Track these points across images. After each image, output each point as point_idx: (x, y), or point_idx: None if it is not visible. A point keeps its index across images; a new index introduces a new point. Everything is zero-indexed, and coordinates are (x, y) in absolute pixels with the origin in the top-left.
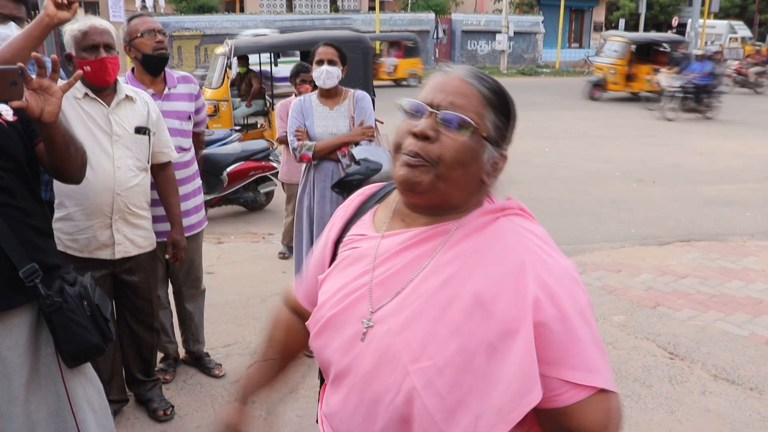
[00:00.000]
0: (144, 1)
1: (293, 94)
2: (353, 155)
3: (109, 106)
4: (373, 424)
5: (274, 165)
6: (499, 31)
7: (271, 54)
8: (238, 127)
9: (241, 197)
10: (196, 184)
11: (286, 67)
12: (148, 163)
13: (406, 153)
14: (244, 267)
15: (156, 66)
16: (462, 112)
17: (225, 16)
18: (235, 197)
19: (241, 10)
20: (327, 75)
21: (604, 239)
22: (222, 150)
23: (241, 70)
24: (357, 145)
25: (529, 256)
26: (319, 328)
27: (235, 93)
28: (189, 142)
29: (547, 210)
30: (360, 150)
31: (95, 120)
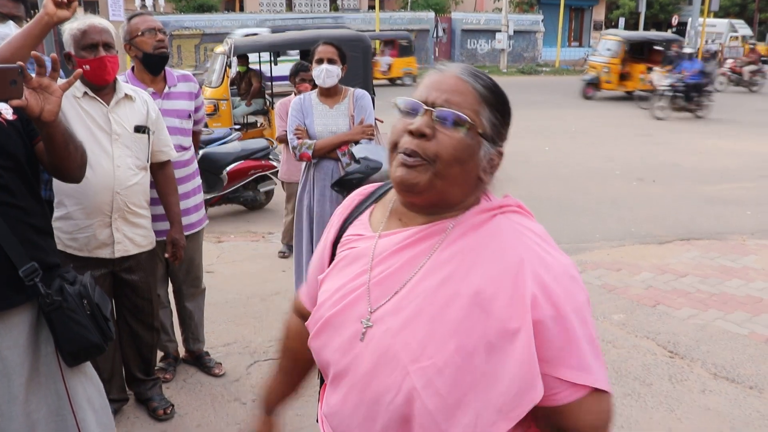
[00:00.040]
0: (144, 0)
1: (293, 93)
2: (353, 154)
3: (108, 105)
4: (373, 424)
5: (274, 164)
6: (499, 30)
7: (271, 53)
8: (237, 126)
9: (240, 196)
10: (196, 182)
11: (285, 65)
12: (147, 161)
13: (402, 152)
14: (244, 266)
15: (156, 65)
16: (458, 109)
17: (224, 15)
18: (234, 196)
19: (241, 9)
20: (327, 74)
21: (603, 238)
22: (222, 149)
23: (241, 69)
24: (357, 144)
25: (527, 254)
26: (318, 328)
27: (235, 92)
28: (189, 141)
29: (547, 209)
30: (360, 149)
31: (94, 119)
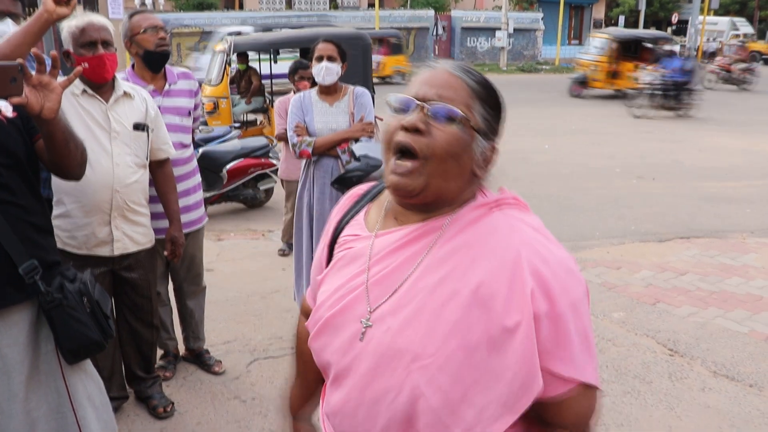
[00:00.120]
0: None
1: (292, 91)
2: (353, 151)
3: (107, 103)
4: (375, 423)
5: (274, 162)
6: (499, 28)
7: (271, 51)
8: (237, 124)
9: (240, 194)
10: (197, 180)
11: (285, 63)
12: (146, 159)
13: (396, 147)
14: (244, 264)
15: (157, 62)
16: (450, 104)
17: (224, 13)
18: (234, 194)
19: (241, 7)
20: (326, 71)
21: (603, 236)
22: (221, 147)
23: (241, 67)
24: (357, 142)
25: (524, 248)
26: (318, 328)
27: (235, 90)
28: (189, 138)
29: (547, 207)
30: (360, 146)
31: (93, 117)
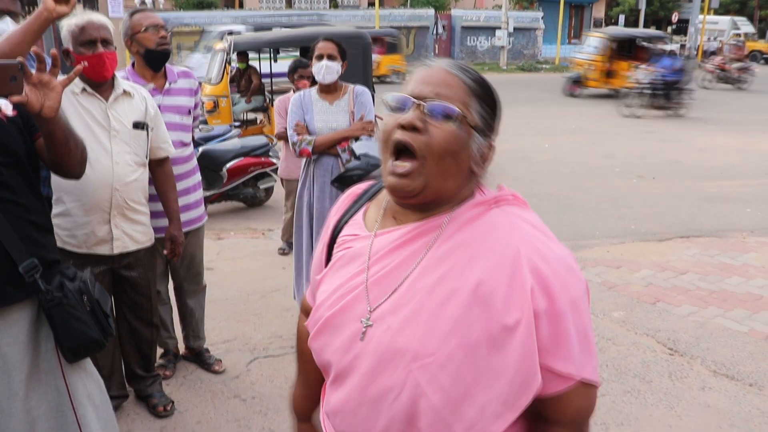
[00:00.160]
0: None
1: (291, 90)
2: (353, 150)
3: (107, 101)
4: (377, 422)
5: (274, 161)
6: (499, 27)
7: (271, 50)
8: (237, 123)
9: (240, 193)
10: (197, 178)
11: (285, 62)
12: (146, 158)
13: (394, 148)
14: (244, 263)
15: (158, 61)
16: (448, 101)
17: (224, 12)
18: (234, 193)
19: (241, 6)
20: (327, 70)
21: (603, 235)
22: (221, 146)
23: (241, 66)
24: (357, 140)
25: (523, 246)
26: (318, 328)
27: (235, 89)
28: (189, 137)
29: (547, 206)
30: (360, 145)
31: (93, 115)
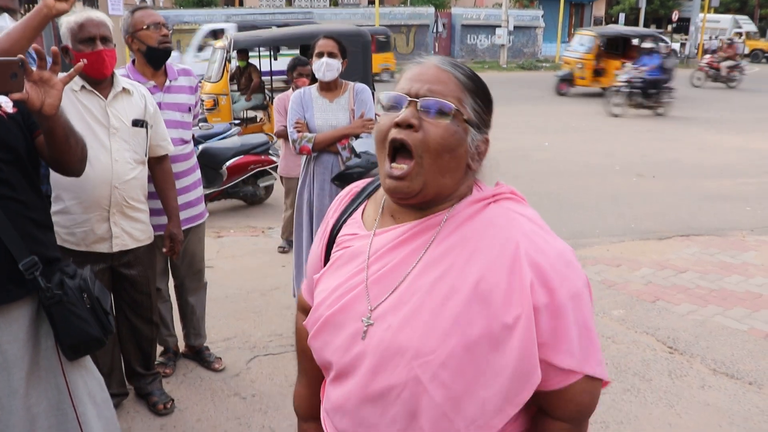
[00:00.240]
0: None
1: (291, 88)
2: (353, 148)
3: (106, 99)
4: (379, 420)
5: (274, 159)
6: (499, 26)
7: (271, 48)
8: (237, 121)
9: (240, 191)
10: (197, 175)
11: (285, 60)
12: (145, 156)
13: (390, 148)
14: (244, 261)
15: (160, 59)
16: (441, 98)
17: (224, 10)
18: (234, 191)
19: (240, 4)
20: (327, 67)
21: (603, 233)
22: (221, 144)
23: (241, 63)
24: (357, 138)
25: (522, 241)
26: (318, 327)
27: (235, 87)
28: (190, 135)
29: (547, 204)
30: (360, 143)
31: (92, 113)
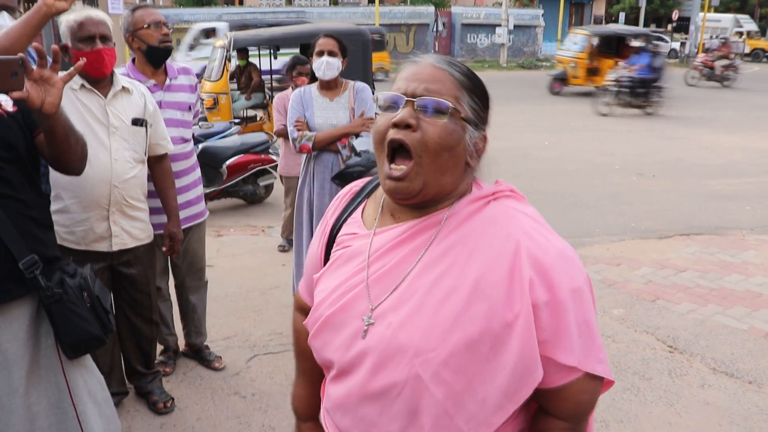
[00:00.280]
0: None
1: (290, 87)
2: (354, 147)
3: (105, 98)
4: (379, 417)
5: (274, 158)
6: (499, 25)
7: (271, 47)
8: (237, 120)
9: (240, 190)
10: (197, 174)
11: (286, 59)
12: (144, 154)
13: (389, 148)
14: (244, 260)
15: (160, 58)
16: (438, 96)
17: (224, 8)
18: (234, 190)
19: (240, 3)
20: (327, 66)
21: (603, 232)
22: (221, 143)
23: (241, 62)
24: (358, 137)
25: (522, 238)
26: (318, 327)
27: (235, 86)
28: (190, 133)
29: (547, 203)
30: (361, 141)
31: (92, 111)
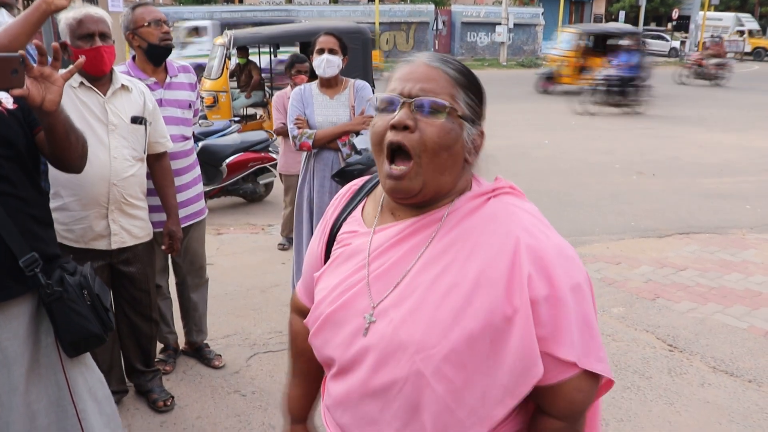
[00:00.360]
0: None
1: (289, 86)
2: (354, 145)
3: (105, 96)
4: (380, 414)
5: (274, 156)
6: (499, 23)
7: (271, 45)
8: (237, 118)
9: (240, 188)
10: (197, 172)
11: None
12: (144, 153)
13: (388, 150)
14: (244, 258)
15: (160, 56)
16: (434, 95)
17: (224, 6)
18: (234, 188)
19: (240, 2)
20: (327, 63)
21: (603, 231)
22: (221, 141)
23: (241, 61)
24: (358, 135)
25: (522, 234)
26: (319, 325)
27: (235, 84)
28: (190, 131)
29: (547, 202)
30: (361, 139)
31: (91, 109)
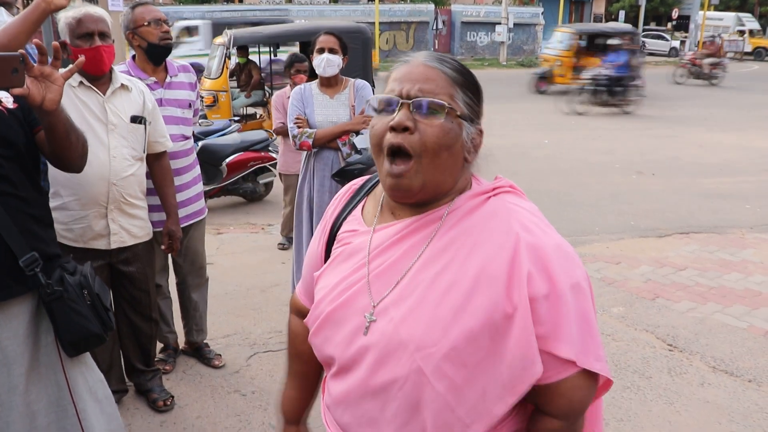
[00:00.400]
0: None
1: (288, 85)
2: (354, 144)
3: (104, 95)
4: (381, 412)
5: (274, 156)
6: (499, 23)
7: (271, 44)
8: (237, 118)
9: (240, 188)
10: (197, 171)
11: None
12: (143, 152)
13: (388, 152)
14: (244, 258)
15: (160, 55)
16: (432, 96)
17: (224, 6)
18: (234, 188)
19: (240, 1)
20: (327, 63)
21: (603, 231)
22: (221, 140)
23: (241, 60)
24: (358, 134)
25: (523, 233)
26: (319, 324)
27: (235, 83)
28: (190, 131)
29: (547, 202)
30: (361, 139)
31: (91, 109)
